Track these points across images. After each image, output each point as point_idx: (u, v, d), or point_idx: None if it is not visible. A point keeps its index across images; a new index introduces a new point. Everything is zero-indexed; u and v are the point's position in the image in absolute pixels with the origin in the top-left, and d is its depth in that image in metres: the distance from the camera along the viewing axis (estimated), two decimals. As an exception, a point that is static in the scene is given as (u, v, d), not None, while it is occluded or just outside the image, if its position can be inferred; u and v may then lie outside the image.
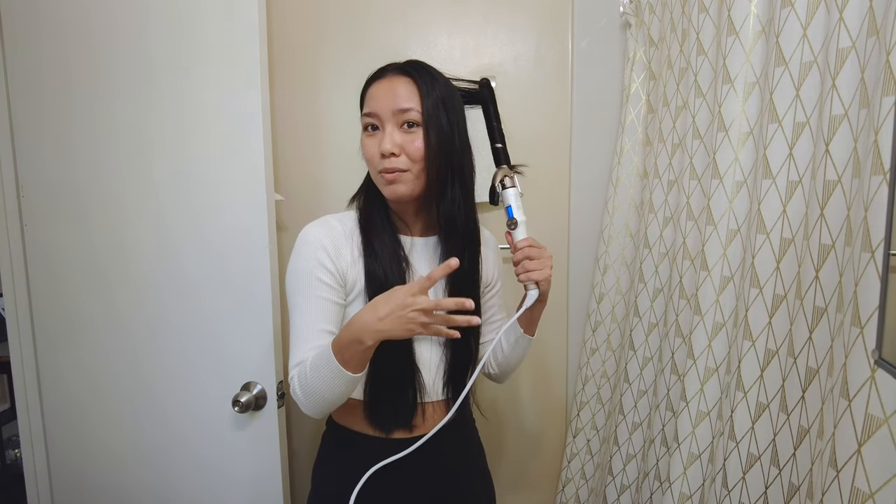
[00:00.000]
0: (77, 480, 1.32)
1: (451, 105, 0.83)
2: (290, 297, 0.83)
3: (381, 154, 0.81)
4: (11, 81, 1.22)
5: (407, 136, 0.81)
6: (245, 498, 1.20)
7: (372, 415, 0.87)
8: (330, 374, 0.74)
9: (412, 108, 0.80)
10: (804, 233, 0.79)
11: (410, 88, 0.81)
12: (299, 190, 1.45)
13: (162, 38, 1.12)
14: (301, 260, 0.82)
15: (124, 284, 1.20)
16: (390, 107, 0.80)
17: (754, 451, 0.86)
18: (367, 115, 0.83)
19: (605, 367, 1.42)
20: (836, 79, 0.72)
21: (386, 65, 0.86)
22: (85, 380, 1.27)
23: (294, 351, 0.81)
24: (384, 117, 0.81)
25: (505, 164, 0.90)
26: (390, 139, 0.80)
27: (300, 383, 0.78)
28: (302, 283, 0.81)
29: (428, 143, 0.80)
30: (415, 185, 0.83)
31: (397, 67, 0.84)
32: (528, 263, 0.85)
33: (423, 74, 0.82)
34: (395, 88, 0.81)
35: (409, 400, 0.86)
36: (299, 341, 0.80)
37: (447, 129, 0.82)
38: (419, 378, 0.87)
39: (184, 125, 1.13)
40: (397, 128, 0.81)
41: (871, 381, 0.59)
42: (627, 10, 1.32)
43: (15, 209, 1.26)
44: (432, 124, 0.80)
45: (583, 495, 1.48)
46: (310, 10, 1.42)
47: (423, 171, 0.82)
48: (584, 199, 1.46)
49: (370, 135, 0.83)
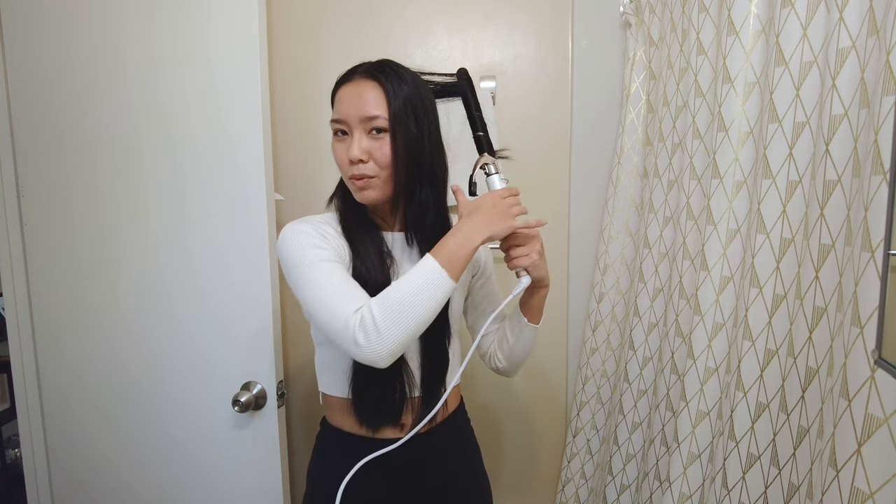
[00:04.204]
0: (77, 480, 1.32)
1: (420, 107, 0.82)
2: (297, 280, 0.76)
3: (349, 160, 0.80)
4: (11, 81, 1.22)
5: (374, 143, 0.80)
6: (245, 497, 1.20)
7: (359, 412, 0.86)
8: (431, 286, 0.71)
9: (379, 115, 0.78)
10: (804, 233, 0.79)
11: (377, 93, 0.79)
12: (299, 190, 1.45)
13: (163, 38, 1.12)
14: (293, 246, 0.79)
15: (124, 284, 1.20)
16: (357, 113, 0.79)
17: (754, 451, 0.86)
18: (336, 120, 0.82)
19: (604, 366, 1.42)
20: (836, 79, 0.72)
21: (355, 66, 0.84)
22: (85, 379, 1.27)
23: (331, 304, 0.72)
24: (352, 123, 0.80)
25: (487, 152, 0.89)
26: (358, 146, 0.79)
27: (382, 312, 0.69)
28: (302, 261, 0.77)
29: (395, 149, 0.79)
30: (384, 189, 0.82)
31: (365, 70, 0.82)
32: (514, 250, 0.85)
33: (392, 77, 0.80)
34: (362, 93, 0.80)
35: (395, 395, 0.85)
36: (338, 296, 0.73)
37: (415, 133, 0.81)
38: (406, 372, 0.86)
39: (185, 126, 1.13)
40: (365, 134, 0.80)
41: (871, 381, 0.59)
42: (627, 10, 1.32)
43: (15, 209, 1.26)
44: (399, 130, 0.79)
45: (583, 495, 1.48)
46: (309, 9, 1.42)
47: (390, 176, 0.81)
48: (584, 198, 1.46)
49: (339, 139, 0.82)
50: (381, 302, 0.70)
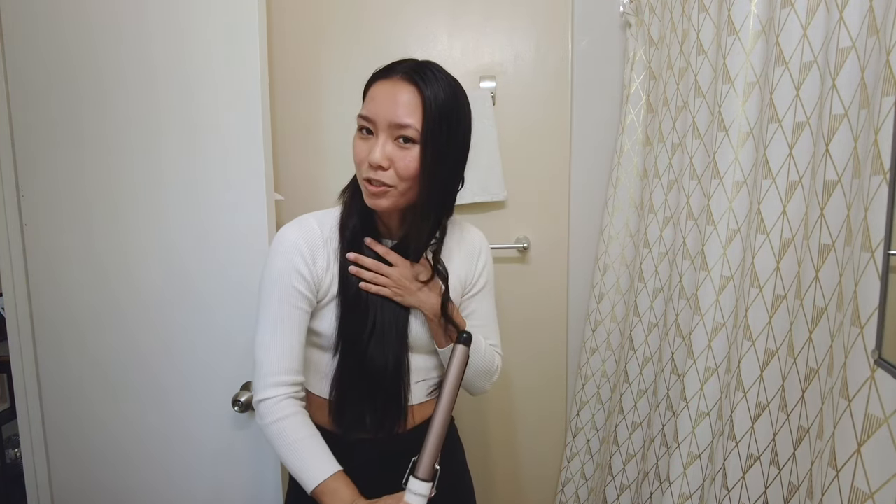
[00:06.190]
0: (77, 480, 1.32)
1: (455, 121, 0.77)
2: (264, 298, 0.81)
3: (369, 163, 0.76)
4: (11, 81, 1.22)
5: (399, 152, 0.75)
6: (244, 497, 1.20)
7: (337, 417, 0.85)
8: (294, 469, 0.79)
9: (410, 125, 0.74)
10: (804, 233, 0.79)
11: (414, 100, 0.74)
12: (299, 190, 1.45)
13: (163, 38, 1.12)
14: (278, 264, 0.81)
15: (124, 284, 1.20)
16: (388, 117, 0.75)
17: (754, 451, 0.86)
18: (364, 117, 0.78)
19: (604, 366, 1.42)
20: (836, 79, 0.72)
21: (395, 62, 0.79)
22: (85, 379, 1.27)
23: (263, 362, 0.80)
24: (379, 125, 0.75)
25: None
26: (381, 150, 0.75)
27: (274, 434, 0.80)
28: (277, 288, 0.80)
29: (423, 164, 0.75)
30: (399, 200, 0.79)
31: (404, 71, 0.76)
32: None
33: (432, 84, 0.75)
34: (397, 96, 0.75)
35: (375, 403, 0.85)
36: (269, 353, 0.80)
37: (445, 150, 0.77)
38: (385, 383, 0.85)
39: (185, 126, 1.13)
40: (391, 140, 0.75)
41: (871, 381, 0.59)
42: (627, 10, 1.32)
43: (15, 209, 1.26)
44: (431, 145, 0.75)
45: (582, 495, 1.48)
46: (309, 9, 1.42)
47: (409, 189, 0.77)
48: (584, 199, 1.46)
49: (363, 137, 0.78)
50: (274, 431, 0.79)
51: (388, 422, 0.86)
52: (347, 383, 0.84)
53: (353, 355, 0.83)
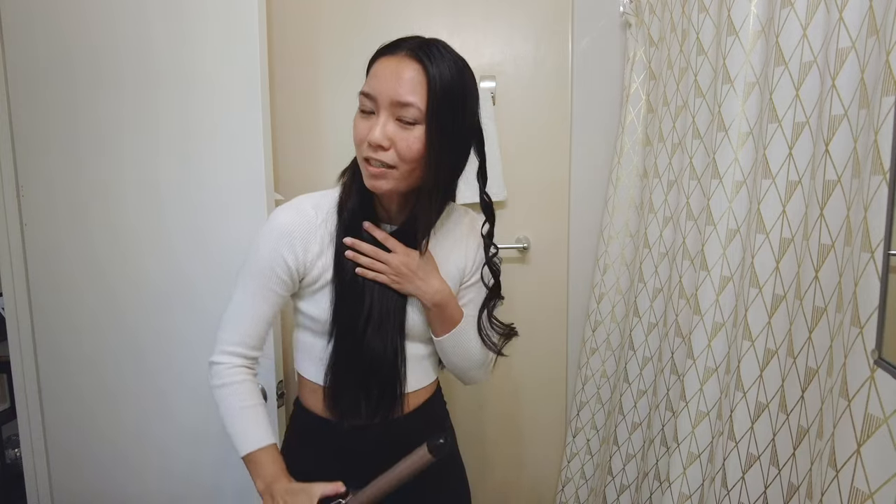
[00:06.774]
0: (77, 480, 1.32)
1: (460, 100, 0.74)
2: (243, 273, 0.82)
3: (368, 142, 0.73)
4: (11, 81, 1.22)
5: (401, 132, 0.72)
6: (244, 497, 1.20)
7: (332, 403, 0.85)
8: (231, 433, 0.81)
9: (413, 104, 0.71)
10: (804, 233, 0.79)
11: (419, 78, 0.71)
12: (299, 190, 1.44)
13: (162, 38, 1.12)
14: (265, 248, 0.80)
15: (124, 284, 1.21)
16: (390, 94, 0.71)
17: (754, 451, 0.86)
18: (365, 94, 0.74)
19: (604, 366, 1.42)
20: (835, 79, 0.72)
21: (401, 39, 0.76)
22: (85, 379, 1.27)
23: (227, 329, 0.82)
24: (381, 103, 0.72)
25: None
26: (382, 129, 0.72)
27: (220, 397, 0.82)
28: (258, 270, 0.80)
29: (429, 145, 0.72)
30: (400, 184, 0.76)
31: (410, 48, 0.73)
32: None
33: (438, 62, 0.72)
34: (401, 73, 0.71)
35: (371, 392, 0.84)
36: (235, 323, 0.82)
37: (451, 131, 0.74)
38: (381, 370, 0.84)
39: (185, 126, 1.13)
40: (392, 119, 0.72)
41: (871, 381, 0.59)
42: (627, 10, 1.32)
43: (15, 209, 1.26)
44: (435, 125, 0.72)
45: (582, 495, 1.48)
46: (309, 9, 1.42)
47: (412, 172, 0.75)
48: (584, 198, 1.46)
49: (364, 116, 0.75)
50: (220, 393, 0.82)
51: (383, 409, 0.85)
52: (343, 370, 0.83)
53: (349, 342, 0.82)
